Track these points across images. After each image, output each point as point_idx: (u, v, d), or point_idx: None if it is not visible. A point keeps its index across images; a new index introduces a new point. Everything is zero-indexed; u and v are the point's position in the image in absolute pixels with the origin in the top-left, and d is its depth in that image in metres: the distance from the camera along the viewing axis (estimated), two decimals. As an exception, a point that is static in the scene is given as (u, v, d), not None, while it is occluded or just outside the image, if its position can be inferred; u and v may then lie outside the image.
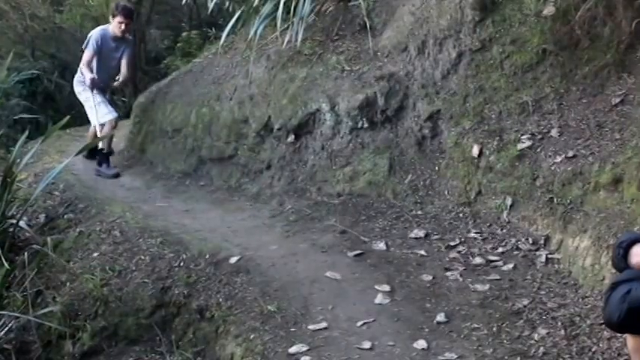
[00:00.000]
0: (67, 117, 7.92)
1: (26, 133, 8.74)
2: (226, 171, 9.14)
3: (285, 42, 8.91)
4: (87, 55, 10.18)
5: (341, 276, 6.47)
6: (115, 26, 10.18)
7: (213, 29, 14.12)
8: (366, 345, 5.45)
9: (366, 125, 8.11)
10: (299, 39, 8.63)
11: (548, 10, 7.50)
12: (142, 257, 7.37)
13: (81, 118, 11.74)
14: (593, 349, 5.02)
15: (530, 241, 6.64)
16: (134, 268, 7.28)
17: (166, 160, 9.95)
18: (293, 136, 8.49)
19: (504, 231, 6.88)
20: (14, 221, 8.08)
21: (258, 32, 8.94)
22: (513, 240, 6.72)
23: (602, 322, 5.17)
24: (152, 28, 18.17)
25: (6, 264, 7.08)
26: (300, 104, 8.53)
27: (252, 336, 5.97)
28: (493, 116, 7.49)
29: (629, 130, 6.52)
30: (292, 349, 5.59)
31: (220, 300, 6.56)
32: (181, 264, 7.13)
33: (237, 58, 9.87)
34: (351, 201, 7.82)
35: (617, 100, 6.89)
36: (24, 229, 8.20)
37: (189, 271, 7.01)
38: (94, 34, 10.23)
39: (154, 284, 7.04)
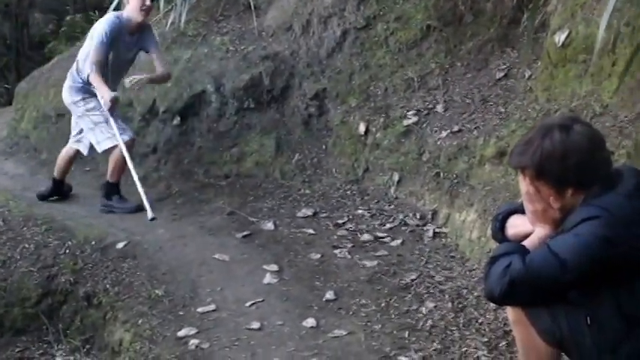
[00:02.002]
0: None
1: None
2: (112, 156, 8.95)
3: (168, 23, 8.79)
4: (96, 53, 7.34)
5: (229, 257, 6.40)
6: (134, 10, 7.43)
7: (97, 12, 13.84)
8: (255, 325, 5.38)
9: (252, 106, 8.07)
10: (182, 20, 8.53)
11: (432, -15, 7.56)
12: (27, 246, 7.15)
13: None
14: (480, 321, 5.05)
15: (418, 216, 6.68)
16: (18, 257, 7.06)
17: (51, 146, 9.68)
18: (179, 119, 8.38)
19: (392, 207, 6.91)
20: None
21: (141, 14, 8.76)
22: (401, 216, 6.74)
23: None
24: (35, 12, 17.75)
25: None
26: (185, 86, 8.43)
27: (140, 321, 5.85)
28: (379, 93, 7.51)
29: (512, 103, 6.61)
30: (181, 333, 5.49)
31: (107, 286, 6.42)
32: (67, 251, 6.95)
33: (121, 40, 9.67)
34: (239, 182, 7.76)
35: (501, 74, 6.98)
36: None
37: (75, 258, 6.85)
38: (105, 23, 7.40)
39: (40, 273, 6.84)
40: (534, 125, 5.78)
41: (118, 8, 8.13)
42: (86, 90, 7.53)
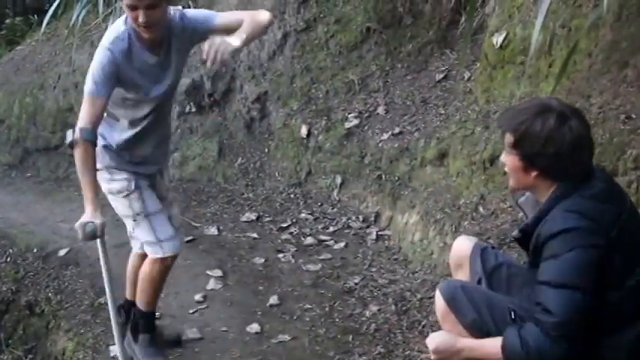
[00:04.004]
0: None
1: None
2: (53, 161, 8.90)
3: (108, 27, 8.70)
4: (88, 111, 4.20)
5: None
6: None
7: (37, 16, 13.69)
8: (199, 332, 5.37)
9: (193, 109, 8.05)
10: (122, 24, 8.44)
11: (371, -12, 7.59)
12: (-39, 255, 7.10)
13: None
14: (423, 323, 5.08)
15: (361, 219, 6.71)
16: (-43, 266, 7.01)
17: (-12, 154, 9.60)
18: (124, 123, 8.31)
19: (335, 210, 6.93)
20: None
21: (80, 18, 8.71)
22: (344, 218, 6.77)
23: (431, 295, 5.27)
24: (-27, 16, 17.50)
25: None
26: (126, 90, 8.35)
27: (82, 330, 5.81)
28: (320, 96, 7.53)
29: (452, 105, 6.65)
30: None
31: (50, 294, 6.37)
32: (8, 259, 6.91)
33: (60, 45, 9.60)
34: (182, 186, 7.74)
35: (441, 75, 7.03)
36: None
37: (16, 266, 6.80)
38: (101, 51, 4.23)
39: (-20, 281, 6.80)
40: (474, 127, 5.87)
41: (55, 14, 8.07)
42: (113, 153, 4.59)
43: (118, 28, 4.30)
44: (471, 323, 3.30)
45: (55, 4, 9.13)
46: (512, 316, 3.22)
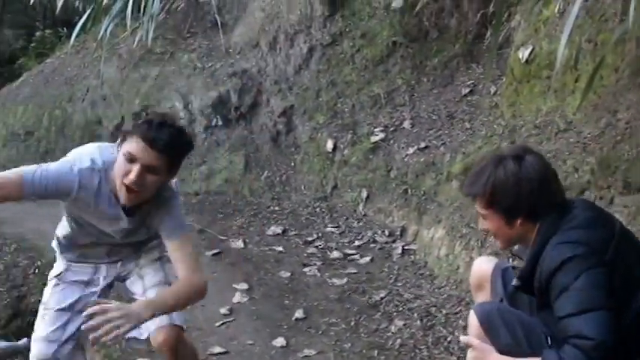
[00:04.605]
0: None
1: None
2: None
3: (136, 41, 8.79)
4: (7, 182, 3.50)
5: (199, 276, 6.39)
6: (117, 175, 3.49)
7: (66, 29, 13.81)
8: (226, 345, 5.39)
9: (220, 123, 8.08)
10: (150, 37, 8.52)
11: (397, 2, 7.60)
12: (-4, 266, 7.16)
13: None
14: (449, 339, 5.08)
15: (387, 233, 6.70)
16: (-12, 278, 7.07)
17: (20, 164, 9.59)
18: (146, 136, 8.35)
19: (361, 224, 6.93)
20: None
21: (108, 31, 8.76)
22: (370, 233, 6.77)
23: (457, 311, 5.27)
24: (5, 28, 17.66)
25: None
26: (154, 103, 8.43)
27: (109, 342, 5.83)
28: (346, 110, 7.54)
29: (478, 119, 6.65)
30: (149, 355, 5.50)
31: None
32: (37, 271, 6.94)
33: (89, 58, 9.67)
34: (208, 199, 7.76)
35: (467, 90, 7.03)
36: None
37: (44, 278, 6.76)
38: (67, 167, 3.55)
39: (9, 293, 6.84)
40: (500, 141, 5.86)
41: (84, 27, 8.14)
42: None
43: (95, 157, 3.57)
44: (505, 347, 3.28)
45: (84, 18, 9.19)
46: (549, 342, 3.20)
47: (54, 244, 4.08)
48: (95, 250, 3.97)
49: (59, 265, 4.12)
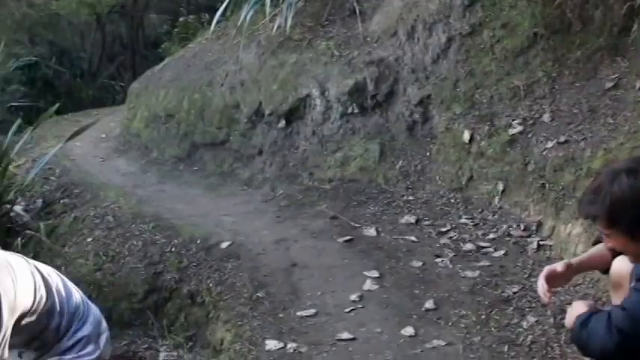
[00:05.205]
0: (57, 104, 7.94)
1: (19, 119, 8.88)
2: (219, 156, 9.09)
3: (274, 28, 8.88)
4: None
5: (331, 262, 6.44)
6: None
7: (208, 15, 14.06)
8: (354, 332, 5.42)
9: (356, 110, 8.07)
10: (288, 24, 8.62)
11: (538, -7, 7.46)
12: (135, 242, 7.38)
13: (79, 104, 11.70)
14: (582, 337, 4.98)
15: (522, 228, 6.60)
16: (127, 253, 7.30)
17: (161, 146, 9.89)
18: (284, 122, 8.45)
19: (496, 217, 6.84)
20: (9, 206, 8.22)
21: (248, 18, 8.90)
22: (505, 226, 6.67)
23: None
24: (151, 13, 18.13)
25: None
26: (291, 90, 8.49)
27: (240, 322, 5.95)
28: (484, 101, 7.44)
29: (622, 115, 6.47)
30: (279, 337, 5.58)
31: (211, 285, 6.55)
32: (173, 249, 7.13)
33: (229, 43, 9.82)
34: (342, 186, 7.77)
35: (610, 84, 6.84)
36: (20, 214, 8.26)
37: (180, 256, 7.01)
38: None
39: (146, 269, 7.07)
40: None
41: (225, 13, 8.30)
42: None
43: None
44: None
45: (224, 4, 9.35)
46: None
47: None
48: None
49: None
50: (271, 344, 5.50)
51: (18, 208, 8.42)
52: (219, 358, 5.92)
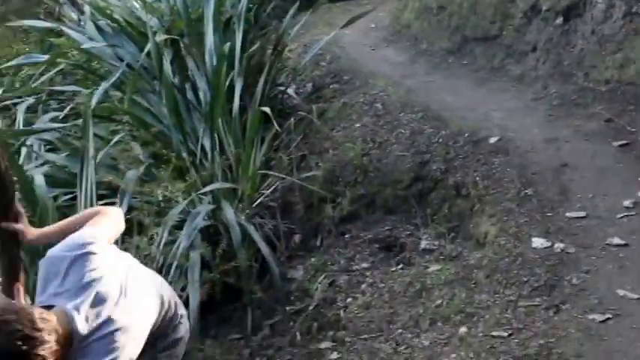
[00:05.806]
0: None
1: (296, 4, 9.08)
2: (490, 51, 8.95)
3: None
4: None
5: (604, 165, 6.28)
6: None
7: None
8: (626, 238, 5.29)
9: (640, 10, 7.71)
10: None
11: None
12: (402, 131, 7.46)
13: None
14: None
15: None
16: (394, 140, 7.40)
17: (430, 37, 9.86)
18: (562, 19, 8.19)
19: None
20: (283, 88, 8.44)
21: None
22: None
23: None
24: None
25: (276, 126, 7.33)
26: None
27: (506, 217, 5.94)
28: None
29: None
30: (546, 235, 5.53)
31: (477, 179, 6.55)
32: (440, 140, 7.16)
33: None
34: (620, 89, 7.47)
35: None
36: (292, 97, 8.55)
37: (447, 147, 7.04)
38: None
39: (413, 158, 7.14)
40: None
41: None
42: None
43: None
44: None
45: None
46: None
47: None
48: None
49: None
50: (538, 242, 5.48)
51: (290, 91, 8.71)
52: (482, 250, 5.93)
